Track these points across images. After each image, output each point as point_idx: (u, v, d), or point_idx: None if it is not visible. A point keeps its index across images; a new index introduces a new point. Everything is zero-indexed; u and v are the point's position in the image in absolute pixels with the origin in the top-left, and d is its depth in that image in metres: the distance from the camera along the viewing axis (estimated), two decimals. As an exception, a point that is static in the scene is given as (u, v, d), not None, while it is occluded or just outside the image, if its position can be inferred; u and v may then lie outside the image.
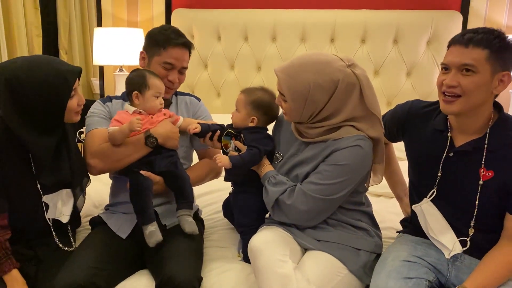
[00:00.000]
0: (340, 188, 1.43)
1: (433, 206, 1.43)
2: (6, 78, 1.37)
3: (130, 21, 3.38)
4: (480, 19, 2.86)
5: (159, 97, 1.61)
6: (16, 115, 1.39)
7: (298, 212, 1.44)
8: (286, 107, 1.48)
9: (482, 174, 1.34)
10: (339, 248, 1.46)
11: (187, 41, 1.72)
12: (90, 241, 1.55)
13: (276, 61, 3.06)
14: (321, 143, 1.48)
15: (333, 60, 1.44)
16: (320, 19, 2.97)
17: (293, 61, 1.46)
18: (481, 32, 1.29)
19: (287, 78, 1.44)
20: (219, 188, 2.09)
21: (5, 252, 1.40)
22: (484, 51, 1.27)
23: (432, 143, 1.44)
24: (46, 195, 1.49)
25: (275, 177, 1.51)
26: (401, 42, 2.89)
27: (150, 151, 1.58)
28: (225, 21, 3.09)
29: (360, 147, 1.42)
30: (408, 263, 1.37)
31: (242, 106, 1.60)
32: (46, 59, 1.46)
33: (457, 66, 1.30)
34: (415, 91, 2.90)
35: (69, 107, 1.44)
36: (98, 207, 1.96)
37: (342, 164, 1.41)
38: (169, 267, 1.39)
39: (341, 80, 1.41)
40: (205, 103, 1.96)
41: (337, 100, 1.43)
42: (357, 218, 1.54)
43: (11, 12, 3.10)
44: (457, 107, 1.33)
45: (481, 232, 1.37)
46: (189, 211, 1.59)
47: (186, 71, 1.79)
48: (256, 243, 1.39)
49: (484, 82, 1.29)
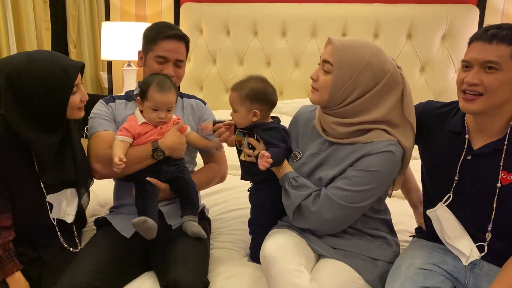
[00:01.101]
0: (368, 195, 1.36)
1: (449, 211, 1.37)
2: (6, 73, 1.33)
3: (139, 15, 3.35)
4: (497, 13, 2.78)
5: (157, 111, 1.54)
6: (17, 112, 1.35)
7: (322, 220, 1.37)
8: (324, 81, 1.37)
9: (503, 177, 1.28)
10: (356, 257, 1.40)
11: (179, 32, 1.67)
12: (94, 244, 1.53)
13: (286, 56, 3.02)
14: (348, 145, 1.39)
15: (387, 55, 1.41)
16: (331, 13, 2.91)
17: (351, 37, 1.41)
18: (506, 28, 1.23)
19: (342, 47, 1.35)
20: (226, 188, 2.06)
21: (8, 253, 1.38)
22: (509, 48, 1.21)
23: (449, 146, 1.39)
24: (50, 194, 1.46)
25: (297, 179, 1.42)
26: (414, 37, 2.82)
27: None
28: (234, 15, 3.05)
29: (392, 153, 1.34)
30: (423, 271, 1.31)
31: (239, 104, 1.49)
32: (47, 53, 1.42)
33: (480, 63, 1.24)
34: (429, 87, 2.83)
35: (72, 103, 1.40)
36: (105, 206, 1.94)
37: (373, 170, 1.34)
38: (175, 271, 1.36)
39: (390, 72, 1.36)
40: (214, 99, 1.93)
41: (378, 93, 1.36)
42: (376, 227, 1.48)
43: (20, 5, 3.10)
44: (478, 106, 1.27)
45: (500, 238, 1.32)
46: (194, 217, 1.56)
47: (193, 66, 1.75)
48: (270, 251, 1.32)
49: (508, 80, 1.22)
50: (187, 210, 1.56)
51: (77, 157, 1.51)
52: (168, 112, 1.57)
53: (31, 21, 3.19)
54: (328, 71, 1.37)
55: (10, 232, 1.40)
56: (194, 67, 3.21)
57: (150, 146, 1.54)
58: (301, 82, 3.00)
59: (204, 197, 1.91)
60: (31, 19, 3.19)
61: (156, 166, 1.56)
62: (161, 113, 1.55)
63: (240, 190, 2.11)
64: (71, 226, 1.57)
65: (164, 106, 1.55)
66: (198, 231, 1.51)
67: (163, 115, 1.55)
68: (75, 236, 1.59)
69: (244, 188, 2.10)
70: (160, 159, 1.54)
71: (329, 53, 1.37)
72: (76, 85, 1.40)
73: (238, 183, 2.18)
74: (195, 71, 3.21)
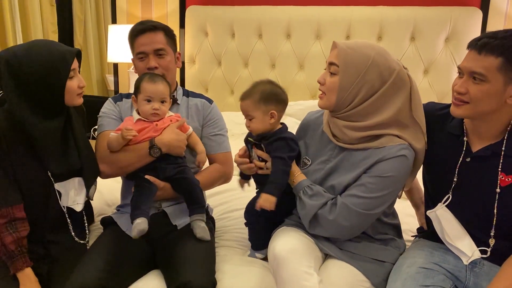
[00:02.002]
0: (384, 200, 1.36)
1: (448, 211, 1.38)
2: (7, 59, 1.39)
3: (145, 18, 3.36)
4: (501, 16, 2.79)
5: (151, 102, 1.55)
6: (17, 98, 1.39)
7: (340, 228, 1.36)
8: (331, 83, 1.38)
9: (502, 179, 1.29)
10: (363, 260, 1.40)
11: (150, 24, 1.67)
12: (101, 243, 1.55)
13: (291, 58, 3.04)
14: (360, 151, 1.39)
15: (393, 55, 1.41)
16: (335, 16, 2.93)
17: (356, 40, 1.42)
18: (500, 37, 1.21)
19: (347, 49, 1.36)
20: (230, 188, 2.07)
21: (20, 249, 1.40)
22: (497, 60, 1.20)
23: (448, 147, 1.40)
24: (57, 182, 1.48)
25: (311, 187, 1.41)
26: (418, 39, 2.84)
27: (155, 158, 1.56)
28: (239, 18, 3.08)
29: (405, 157, 1.35)
30: (424, 270, 1.32)
31: (254, 109, 1.47)
32: (45, 41, 1.48)
33: (468, 72, 1.25)
34: (433, 90, 2.84)
35: (69, 88, 1.44)
36: (111, 206, 1.96)
37: (388, 176, 1.34)
38: (184, 272, 1.37)
39: (396, 71, 1.36)
40: (219, 100, 1.93)
41: (386, 93, 1.36)
42: (384, 232, 1.49)
43: (27, 8, 3.15)
44: (463, 112, 1.29)
45: (502, 239, 1.32)
46: (202, 216, 1.56)
47: (198, 68, 1.76)
48: (281, 252, 1.32)
49: (494, 91, 1.22)
50: (194, 210, 1.56)
51: (80, 146, 1.53)
52: (162, 104, 1.56)
53: (38, 24, 3.23)
54: (335, 73, 1.38)
55: (25, 225, 1.42)
56: (200, 69, 3.24)
57: (147, 144, 1.54)
58: (305, 84, 3.02)
59: (208, 197, 1.93)
60: (38, 21, 3.24)
61: (155, 164, 1.56)
62: (155, 104, 1.55)
63: (244, 190, 2.13)
64: (82, 217, 1.59)
65: (156, 95, 1.55)
66: (203, 235, 1.51)
67: (157, 106, 1.55)
68: (85, 227, 1.60)
69: (248, 188, 2.13)
70: (159, 157, 1.55)
71: (335, 55, 1.38)
72: (73, 70, 1.44)
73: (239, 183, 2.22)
74: (200, 73, 3.24)
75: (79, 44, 3.85)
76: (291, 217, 1.53)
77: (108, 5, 3.95)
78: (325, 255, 1.45)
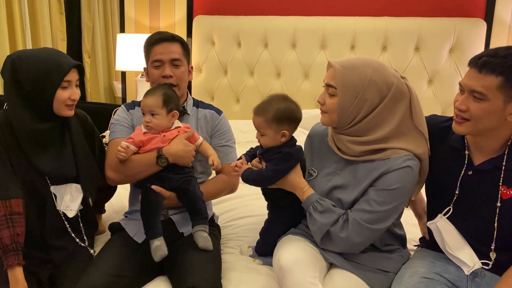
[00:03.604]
0: (393, 212, 1.38)
1: (449, 222, 1.39)
2: (13, 59, 1.47)
3: (152, 27, 3.42)
4: (505, 27, 2.81)
5: (145, 115, 1.58)
6: (15, 98, 1.46)
7: (352, 244, 1.38)
8: (331, 104, 1.39)
9: (504, 192, 1.30)
10: (368, 270, 1.42)
11: (168, 34, 1.71)
12: (109, 248, 1.57)
13: (296, 67, 3.07)
14: (366, 163, 1.40)
15: (389, 67, 1.42)
16: (340, 26, 2.96)
17: (350, 58, 1.42)
18: (500, 56, 1.22)
19: (343, 69, 1.36)
20: (236, 196, 2.08)
21: (15, 245, 1.39)
22: (497, 79, 1.21)
23: (450, 160, 1.41)
24: (54, 186, 1.52)
25: (321, 202, 1.42)
26: (422, 49, 2.86)
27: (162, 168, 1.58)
28: (246, 28, 3.11)
29: (410, 168, 1.36)
30: (426, 280, 1.34)
31: (266, 127, 1.49)
32: (52, 49, 1.56)
33: (469, 90, 1.27)
34: (437, 100, 2.86)
35: (59, 97, 1.47)
36: (119, 212, 1.98)
37: (395, 188, 1.35)
38: (191, 277, 1.39)
39: (395, 85, 1.37)
40: (224, 109, 1.95)
41: (387, 107, 1.37)
42: (390, 243, 1.50)
43: (37, 16, 3.20)
44: (465, 129, 1.31)
45: (503, 251, 1.33)
46: (204, 227, 1.57)
47: (205, 77, 1.79)
48: (286, 262, 1.33)
49: (494, 109, 1.24)
50: (197, 220, 1.58)
51: (77, 153, 1.57)
52: (152, 117, 1.58)
53: (48, 31, 3.29)
54: (333, 94, 1.39)
55: (21, 221, 1.42)
56: (206, 77, 3.27)
57: (155, 153, 1.56)
58: (310, 93, 3.05)
59: (214, 204, 1.94)
60: (48, 29, 3.29)
61: (162, 173, 1.58)
62: (145, 117, 1.59)
63: (249, 198, 2.16)
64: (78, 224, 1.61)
65: (145, 108, 1.58)
66: (206, 244, 1.52)
67: (147, 119, 1.58)
68: (82, 233, 1.62)
69: (253, 197, 2.16)
70: (166, 166, 1.56)
71: (331, 76, 1.39)
72: (69, 82, 1.49)
73: (247, 191, 2.23)
74: (206, 81, 3.27)
75: (87, 51, 3.91)
76: (298, 226, 1.55)
77: (116, 13, 4.02)
78: (330, 264, 1.46)
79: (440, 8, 2.87)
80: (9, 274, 1.38)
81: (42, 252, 1.51)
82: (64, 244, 1.55)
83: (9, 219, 1.40)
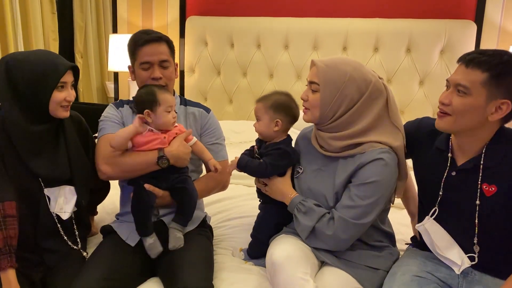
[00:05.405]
0: (375, 206, 1.42)
1: (436, 223, 1.41)
2: (7, 61, 1.46)
3: (145, 28, 3.41)
4: (494, 28, 2.84)
5: (171, 111, 1.58)
6: (11, 100, 1.45)
7: (339, 241, 1.42)
8: (313, 100, 1.48)
9: (486, 190, 1.32)
10: (358, 267, 1.45)
11: (156, 35, 1.69)
12: (100, 252, 1.56)
13: (288, 68, 3.09)
14: (347, 158, 1.47)
15: (368, 68, 1.51)
16: (332, 28, 2.98)
17: (332, 57, 1.51)
18: (489, 54, 1.25)
19: (325, 67, 1.46)
20: (228, 196, 2.10)
21: (8, 248, 1.39)
22: (483, 74, 1.24)
23: (435, 162, 1.43)
24: (47, 188, 1.51)
25: (303, 203, 1.48)
26: (414, 51, 2.89)
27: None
28: (238, 29, 3.12)
29: (384, 161, 1.41)
30: (418, 278, 1.35)
31: (263, 113, 1.60)
32: (48, 52, 1.55)
33: (454, 84, 1.29)
34: (428, 100, 2.89)
35: (55, 98, 1.47)
36: (111, 214, 1.96)
37: (371, 182, 1.40)
38: (182, 277, 1.40)
39: (373, 83, 1.45)
40: (217, 109, 1.95)
41: (365, 103, 1.45)
42: (379, 239, 1.53)
43: (29, 16, 3.18)
44: (445, 124, 1.33)
45: (487, 249, 1.35)
46: (182, 228, 1.58)
47: (198, 77, 1.78)
48: (278, 258, 1.37)
49: (475, 105, 1.26)
50: (179, 218, 1.59)
51: (71, 155, 1.56)
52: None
53: (40, 32, 3.26)
54: (316, 90, 1.48)
55: (14, 224, 1.41)
56: (199, 78, 3.27)
57: (156, 153, 1.55)
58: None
59: (206, 205, 1.94)
60: (40, 29, 3.26)
61: (159, 172, 1.58)
62: (173, 112, 1.60)
63: (242, 199, 2.17)
64: (72, 226, 1.60)
65: (173, 104, 1.60)
66: (175, 246, 1.53)
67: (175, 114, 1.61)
68: (76, 235, 1.61)
69: (245, 197, 2.16)
70: (164, 167, 1.56)
71: (314, 74, 1.48)
72: (65, 83, 1.48)
73: (240, 192, 2.25)
74: (199, 82, 3.28)
75: (80, 51, 3.89)
76: (289, 225, 1.58)
77: (109, 14, 4.00)
78: (321, 262, 1.49)
79: (431, 10, 2.91)
80: (2, 277, 1.37)
81: (34, 254, 1.51)
82: (56, 247, 1.54)
83: (2, 221, 1.39)
